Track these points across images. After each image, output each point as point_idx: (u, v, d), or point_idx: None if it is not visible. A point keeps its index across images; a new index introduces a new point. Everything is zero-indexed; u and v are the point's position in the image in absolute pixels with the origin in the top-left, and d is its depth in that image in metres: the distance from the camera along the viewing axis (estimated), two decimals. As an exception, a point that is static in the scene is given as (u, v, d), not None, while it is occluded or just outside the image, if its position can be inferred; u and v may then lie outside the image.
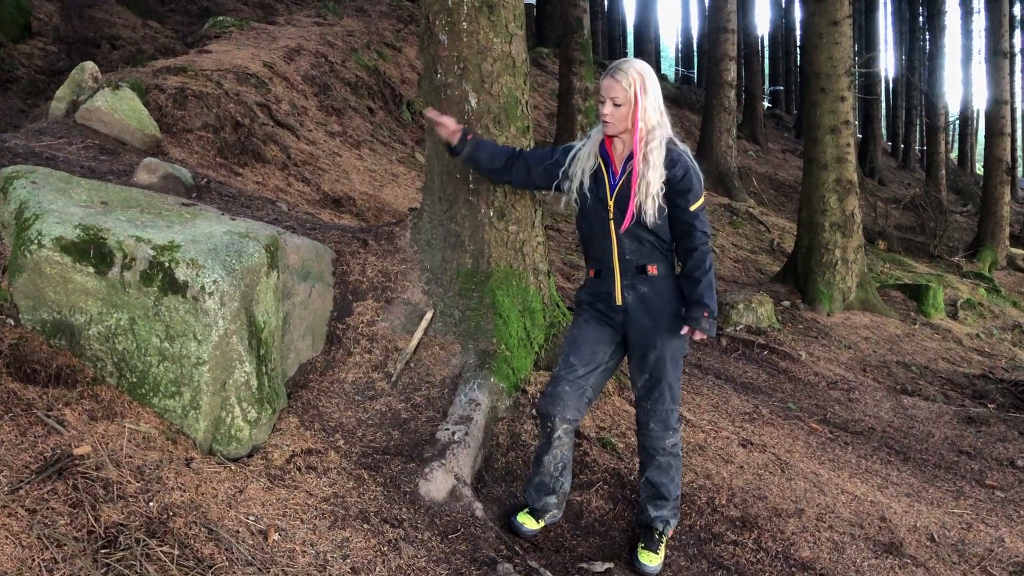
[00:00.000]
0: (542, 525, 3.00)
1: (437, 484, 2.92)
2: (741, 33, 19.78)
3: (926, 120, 22.56)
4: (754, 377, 5.54)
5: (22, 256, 2.78)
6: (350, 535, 2.57)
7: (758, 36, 24.00)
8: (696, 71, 30.19)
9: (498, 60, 3.57)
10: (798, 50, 26.84)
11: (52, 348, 2.75)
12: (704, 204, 2.79)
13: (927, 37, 25.55)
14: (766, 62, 30.13)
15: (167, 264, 2.73)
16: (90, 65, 5.51)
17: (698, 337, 2.75)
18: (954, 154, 27.74)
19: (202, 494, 2.47)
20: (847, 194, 7.92)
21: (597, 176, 2.82)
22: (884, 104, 28.38)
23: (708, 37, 14.78)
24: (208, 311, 2.72)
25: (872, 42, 23.00)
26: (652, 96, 2.70)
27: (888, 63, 31.15)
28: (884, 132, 27.74)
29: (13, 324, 2.78)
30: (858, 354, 6.79)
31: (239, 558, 2.26)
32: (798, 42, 26.72)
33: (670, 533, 2.98)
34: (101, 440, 2.46)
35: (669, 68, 37.62)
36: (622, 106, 2.69)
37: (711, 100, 13.31)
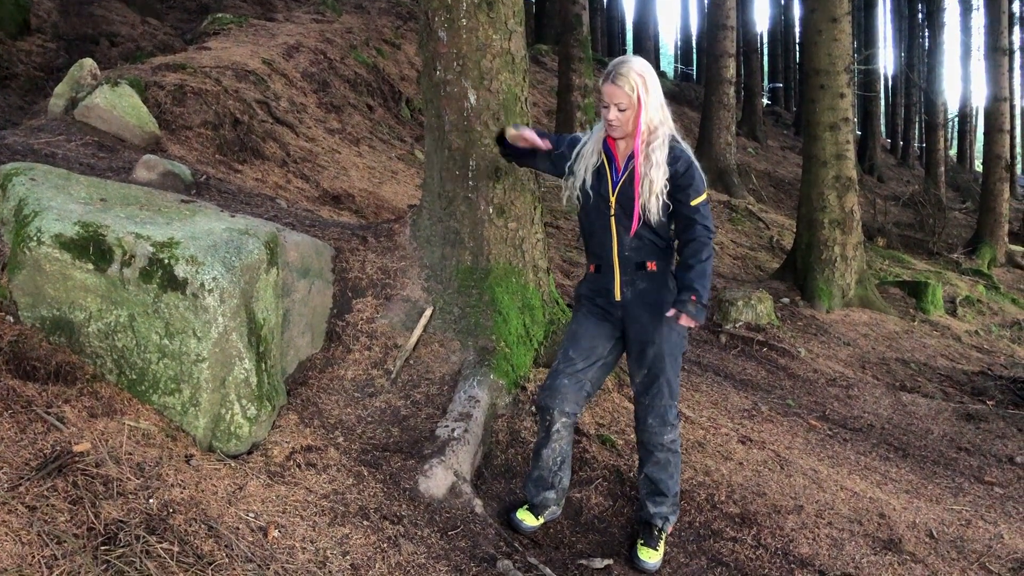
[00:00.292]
0: (542, 522, 3.00)
1: (437, 481, 2.93)
2: (740, 30, 19.80)
3: (925, 117, 22.55)
4: (753, 374, 5.55)
5: (21, 253, 2.78)
6: (350, 532, 2.57)
7: (757, 33, 23.99)
8: (695, 68, 30.20)
9: (497, 57, 3.57)
10: (797, 47, 26.80)
11: (52, 345, 2.75)
12: (707, 200, 2.79)
13: (926, 34, 25.53)
14: (765, 59, 30.15)
15: (166, 261, 2.73)
16: (89, 62, 5.50)
17: (684, 322, 2.71)
18: (953, 151, 27.74)
19: (202, 491, 2.47)
20: (846, 191, 7.92)
21: (600, 172, 2.83)
22: (883, 101, 28.37)
23: (707, 34, 14.78)
24: (208, 308, 2.72)
25: (871, 39, 22.97)
26: (654, 95, 2.72)
27: (887, 60, 31.16)
28: (883, 129, 27.73)
29: (12, 321, 2.78)
30: (857, 351, 6.79)
31: (239, 555, 2.26)
32: (797, 39, 26.70)
33: (669, 529, 2.98)
34: (101, 437, 2.47)
35: (668, 65, 37.60)
36: (627, 110, 2.70)
37: (710, 97, 13.29)
